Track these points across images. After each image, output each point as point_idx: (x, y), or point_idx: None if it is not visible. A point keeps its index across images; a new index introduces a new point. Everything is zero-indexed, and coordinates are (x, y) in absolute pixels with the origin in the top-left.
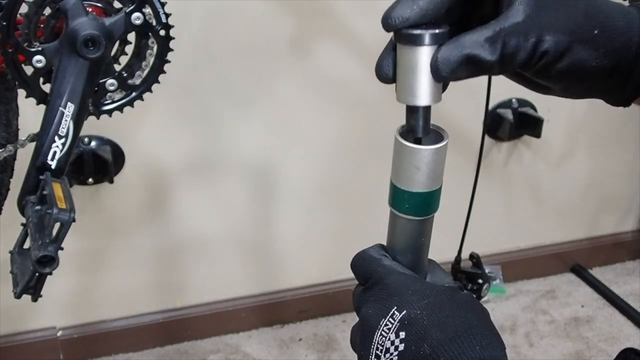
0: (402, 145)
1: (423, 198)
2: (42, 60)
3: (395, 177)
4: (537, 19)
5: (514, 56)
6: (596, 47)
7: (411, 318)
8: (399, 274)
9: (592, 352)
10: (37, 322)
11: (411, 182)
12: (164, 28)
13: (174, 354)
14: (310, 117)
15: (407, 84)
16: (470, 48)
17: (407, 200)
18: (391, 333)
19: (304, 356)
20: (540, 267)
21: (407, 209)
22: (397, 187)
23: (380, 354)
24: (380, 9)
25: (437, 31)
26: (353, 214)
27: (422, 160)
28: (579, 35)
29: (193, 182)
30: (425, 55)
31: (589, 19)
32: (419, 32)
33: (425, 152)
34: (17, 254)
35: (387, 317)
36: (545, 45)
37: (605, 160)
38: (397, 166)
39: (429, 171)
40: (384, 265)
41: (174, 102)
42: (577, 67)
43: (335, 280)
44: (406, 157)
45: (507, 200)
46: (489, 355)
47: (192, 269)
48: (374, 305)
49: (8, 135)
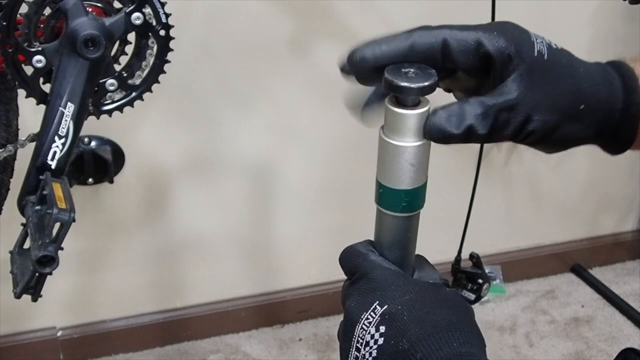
0: (395, 146)
1: (416, 193)
2: (42, 60)
3: (386, 177)
4: (528, 97)
5: (502, 131)
6: (581, 121)
7: (392, 313)
8: (384, 269)
9: (592, 352)
10: (37, 322)
11: (405, 180)
12: (164, 28)
13: (174, 354)
14: (310, 117)
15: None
16: (469, 120)
17: (403, 198)
18: (372, 327)
19: (304, 356)
20: (540, 267)
21: (403, 207)
22: (389, 187)
23: (360, 347)
24: (381, 9)
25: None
26: (353, 214)
27: (418, 155)
28: (566, 113)
29: (193, 182)
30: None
31: (576, 95)
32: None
33: (422, 147)
34: (17, 254)
35: (368, 311)
36: (534, 124)
37: (605, 160)
38: (388, 166)
39: (422, 165)
40: (369, 260)
41: (174, 102)
42: (562, 138)
43: (335, 280)
44: (401, 155)
45: (507, 200)
46: (466, 351)
47: (192, 269)
48: (357, 299)
49: (8, 135)
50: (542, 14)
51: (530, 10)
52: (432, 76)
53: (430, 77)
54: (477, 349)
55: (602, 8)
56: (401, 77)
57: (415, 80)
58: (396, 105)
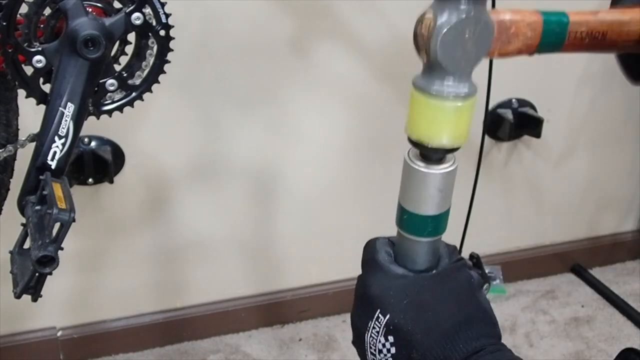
0: (424, 173)
1: (442, 218)
2: (42, 60)
3: (412, 203)
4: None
5: None
6: None
7: (395, 324)
8: (383, 272)
9: (592, 352)
10: (37, 322)
11: (433, 206)
12: (164, 28)
13: (174, 354)
14: (311, 118)
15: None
16: None
17: (429, 224)
18: (380, 336)
19: (304, 356)
20: (540, 267)
21: (428, 232)
22: (415, 213)
23: (375, 353)
24: (381, 9)
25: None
26: (353, 214)
27: (446, 181)
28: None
29: (193, 182)
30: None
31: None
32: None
33: (451, 173)
34: (17, 254)
35: (372, 320)
36: None
37: (605, 160)
38: (415, 192)
39: (449, 190)
40: (375, 261)
41: (174, 102)
42: None
43: (335, 280)
44: (429, 182)
45: (507, 200)
46: (473, 347)
47: (192, 269)
48: (359, 308)
49: (8, 135)
50: None
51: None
52: None
53: None
54: (486, 339)
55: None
56: None
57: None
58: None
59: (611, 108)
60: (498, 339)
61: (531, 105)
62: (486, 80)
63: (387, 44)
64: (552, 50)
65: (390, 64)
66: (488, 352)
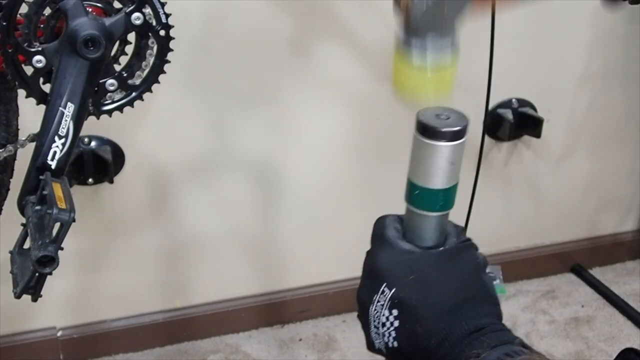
0: (435, 146)
1: (452, 192)
2: (42, 60)
3: (424, 178)
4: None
5: None
6: None
7: (400, 297)
8: (392, 247)
9: (592, 352)
10: (37, 322)
11: (445, 179)
12: (164, 28)
13: (174, 354)
14: (311, 117)
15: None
16: None
17: (441, 198)
18: (384, 310)
19: (304, 356)
20: (540, 267)
21: (440, 206)
22: (427, 187)
23: (378, 326)
24: (381, 9)
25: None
26: (353, 214)
27: (457, 153)
28: None
29: (193, 182)
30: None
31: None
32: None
33: (461, 145)
34: (17, 254)
35: (378, 293)
36: None
37: (605, 160)
38: (426, 167)
39: (459, 162)
40: (384, 235)
41: (174, 102)
42: None
43: (335, 280)
44: (441, 155)
45: (507, 200)
46: (475, 325)
47: (192, 269)
48: (365, 281)
49: (8, 135)
50: (542, 15)
51: (530, 10)
52: None
53: None
54: (489, 318)
55: (602, 8)
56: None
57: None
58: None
59: (611, 108)
60: (499, 319)
61: (531, 105)
62: (486, 80)
63: (387, 44)
64: None
65: (390, 64)
66: (490, 330)
